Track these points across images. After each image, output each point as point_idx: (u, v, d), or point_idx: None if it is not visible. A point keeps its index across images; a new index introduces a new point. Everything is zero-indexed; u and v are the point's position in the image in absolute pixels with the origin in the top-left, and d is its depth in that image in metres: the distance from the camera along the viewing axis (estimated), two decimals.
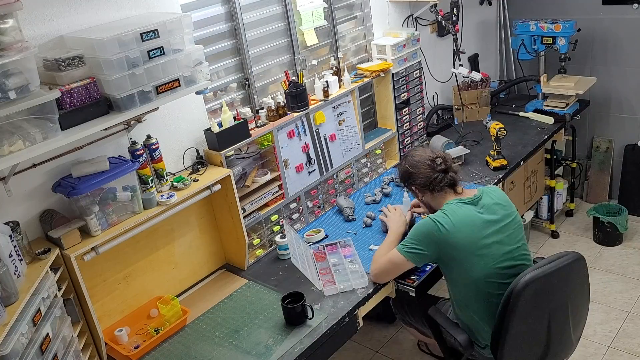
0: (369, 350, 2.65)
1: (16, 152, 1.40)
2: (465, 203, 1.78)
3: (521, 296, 1.61)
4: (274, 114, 2.16)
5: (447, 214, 1.74)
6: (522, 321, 1.66)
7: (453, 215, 1.73)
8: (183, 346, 1.78)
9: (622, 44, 3.21)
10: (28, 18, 1.57)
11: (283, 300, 1.79)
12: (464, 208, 1.76)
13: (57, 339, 1.49)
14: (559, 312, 1.72)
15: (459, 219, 1.73)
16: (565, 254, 1.70)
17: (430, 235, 1.73)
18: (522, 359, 1.76)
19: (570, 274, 1.70)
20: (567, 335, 1.79)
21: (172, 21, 1.66)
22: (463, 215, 1.74)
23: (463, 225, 1.72)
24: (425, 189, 1.84)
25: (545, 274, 1.63)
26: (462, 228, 1.72)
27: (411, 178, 1.86)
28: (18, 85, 1.38)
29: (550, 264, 1.65)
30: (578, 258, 1.71)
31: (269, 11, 2.28)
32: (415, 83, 2.72)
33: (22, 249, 1.54)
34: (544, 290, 1.66)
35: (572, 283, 1.73)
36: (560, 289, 1.70)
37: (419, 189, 1.86)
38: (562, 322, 1.74)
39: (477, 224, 1.74)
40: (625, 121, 3.36)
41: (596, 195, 3.50)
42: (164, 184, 1.86)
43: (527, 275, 1.62)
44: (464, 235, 1.71)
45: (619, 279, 2.89)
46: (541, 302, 1.67)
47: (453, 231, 1.71)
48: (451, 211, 1.75)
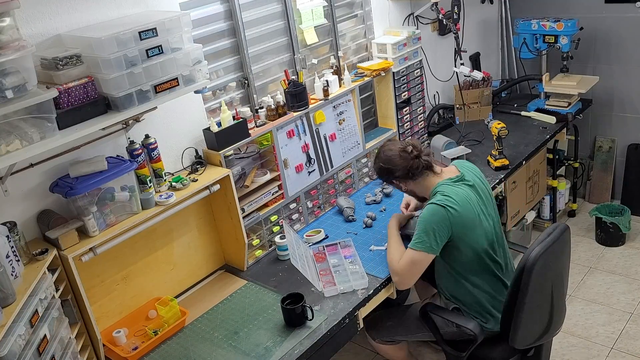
0: (369, 351, 2.63)
1: (13, 152, 1.39)
2: (455, 182, 1.85)
3: (533, 271, 1.66)
4: (273, 113, 2.14)
5: (449, 196, 1.80)
6: (533, 296, 1.70)
7: (455, 195, 1.80)
8: (182, 348, 1.77)
9: (625, 43, 3.19)
10: (25, 16, 1.56)
11: (282, 302, 1.78)
12: (458, 187, 1.84)
13: (55, 341, 1.48)
14: (558, 281, 1.79)
15: (460, 197, 1.80)
16: (556, 226, 1.78)
17: (443, 220, 1.77)
18: (532, 333, 1.80)
19: (564, 243, 1.78)
20: (563, 302, 1.87)
21: (170, 20, 1.65)
22: (462, 193, 1.81)
23: (465, 202, 1.80)
24: (405, 178, 1.90)
25: (548, 246, 1.70)
26: (465, 205, 1.79)
27: (389, 173, 1.92)
28: (15, 85, 1.37)
29: (550, 236, 1.73)
30: (567, 227, 1.80)
31: (268, 9, 2.27)
32: (416, 82, 2.70)
33: (20, 250, 1.53)
34: (549, 263, 1.72)
35: (565, 252, 1.81)
36: (559, 259, 1.78)
37: (400, 180, 1.92)
38: (560, 292, 1.82)
39: (473, 199, 1.83)
40: (628, 120, 3.34)
41: (599, 196, 3.48)
42: (162, 184, 1.85)
43: (534, 250, 1.68)
44: (468, 211, 1.79)
45: (622, 279, 2.87)
46: (546, 274, 1.73)
47: (460, 210, 1.77)
48: (451, 192, 1.81)
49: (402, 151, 1.88)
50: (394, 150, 1.90)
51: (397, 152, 1.89)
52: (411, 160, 1.86)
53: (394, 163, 1.88)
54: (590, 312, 2.69)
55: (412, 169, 1.86)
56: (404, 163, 1.87)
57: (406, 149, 1.88)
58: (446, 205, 1.77)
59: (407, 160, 1.86)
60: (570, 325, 2.61)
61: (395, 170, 1.89)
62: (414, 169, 1.86)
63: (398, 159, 1.88)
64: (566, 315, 1.93)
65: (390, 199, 2.44)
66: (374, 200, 2.42)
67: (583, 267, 3.00)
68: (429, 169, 1.88)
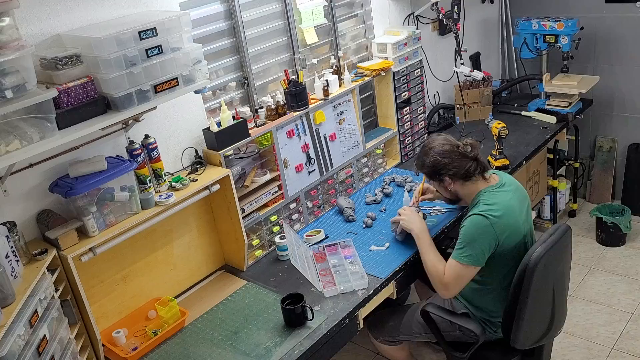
0: (370, 352, 2.63)
1: (13, 152, 1.39)
2: (497, 189, 1.81)
3: (535, 271, 1.65)
4: (273, 113, 2.14)
5: (490, 204, 1.76)
6: (535, 296, 1.70)
7: (496, 203, 1.76)
8: (181, 348, 1.77)
9: (626, 43, 3.18)
10: (25, 16, 1.56)
11: (282, 302, 1.77)
12: (500, 194, 1.79)
13: (54, 341, 1.48)
14: (560, 282, 1.78)
15: (505, 206, 1.76)
16: (558, 226, 1.76)
17: (490, 232, 1.73)
18: (533, 334, 1.79)
19: (565, 244, 1.77)
20: (564, 303, 1.86)
21: (170, 19, 1.65)
22: (507, 202, 1.77)
23: (510, 211, 1.76)
24: (457, 178, 1.82)
25: (550, 247, 1.69)
26: (510, 214, 1.76)
27: (444, 168, 1.82)
28: (15, 84, 1.37)
29: (552, 237, 1.72)
30: (568, 227, 1.78)
31: (268, 9, 2.26)
32: (416, 82, 2.70)
33: (19, 250, 1.53)
34: (551, 263, 1.72)
35: (566, 252, 1.80)
36: (560, 259, 1.77)
37: (452, 178, 1.83)
38: (562, 291, 1.80)
39: (515, 206, 1.79)
40: (629, 120, 3.34)
41: (599, 196, 3.48)
42: (162, 184, 1.84)
43: (536, 251, 1.67)
44: (513, 220, 1.76)
45: (622, 280, 2.87)
46: (548, 274, 1.73)
47: (505, 219, 1.74)
48: (495, 200, 1.77)
49: (462, 149, 1.81)
50: (453, 146, 1.83)
51: (455, 149, 1.82)
52: (470, 160, 1.80)
53: (452, 159, 1.80)
54: (591, 312, 2.69)
55: (469, 170, 1.79)
56: (462, 162, 1.80)
57: (466, 148, 1.81)
58: (487, 215, 1.72)
59: (466, 159, 1.80)
60: (570, 326, 2.60)
61: (450, 168, 1.80)
62: (470, 171, 1.79)
63: (457, 155, 1.80)
64: (567, 315, 1.93)
65: (391, 199, 2.44)
66: (374, 200, 2.41)
67: (583, 267, 2.99)
68: (481, 173, 1.82)
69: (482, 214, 1.74)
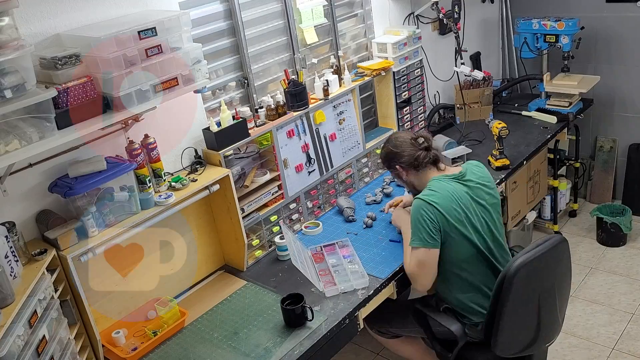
0: (370, 352, 2.63)
1: (12, 152, 1.39)
2: (451, 178, 1.85)
3: (514, 280, 1.65)
4: (273, 113, 2.14)
5: (434, 190, 1.81)
6: (515, 305, 1.69)
7: (441, 189, 1.80)
8: (181, 348, 1.76)
9: (626, 42, 3.18)
10: (24, 16, 1.56)
11: (282, 302, 1.77)
12: (451, 183, 1.83)
13: (54, 341, 1.47)
14: (548, 295, 1.76)
15: (446, 193, 1.79)
16: (551, 237, 1.76)
17: (427, 213, 1.77)
18: (515, 343, 1.79)
19: (556, 256, 1.75)
20: (555, 317, 1.83)
21: (170, 19, 1.64)
22: (451, 190, 1.81)
23: (451, 199, 1.79)
24: (409, 167, 1.91)
25: (535, 257, 1.68)
26: (450, 202, 1.78)
27: (395, 158, 1.94)
28: (14, 84, 1.37)
29: (538, 247, 1.71)
30: (562, 240, 1.76)
31: (268, 9, 2.26)
32: (417, 82, 2.70)
33: (18, 250, 1.53)
34: (535, 274, 1.71)
35: (559, 265, 1.78)
36: (549, 271, 1.75)
37: (404, 167, 1.92)
38: (550, 304, 1.78)
39: (463, 196, 1.81)
40: (630, 120, 3.33)
41: (600, 196, 3.47)
42: (161, 184, 1.84)
43: (518, 259, 1.67)
44: (452, 209, 1.78)
45: (623, 280, 2.86)
46: (532, 285, 1.71)
47: (443, 205, 1.77)
48: (438, 187, 1.82)
49: (414, 140, 1.92)
50: (405, 138, 1.94)
51: (408, 140, 1.93)
52: (420, 150, 1.88)
53: (403, 149, 1.91)
54: (592, 312, 2.68)
55: (418, 159, 1.88)
56: (412, 151, 1.89)
57: (417, 139, 1.91)
58: (428, 200, 1.77)
59: (416, 150, 1.89)
60: (571, 326, 2.60)
61: (401, 157, 1.91)
62: (420, 159, 1.88)
63: (408, 146, 1.91)
64: (567, 315, 1.92)
65: (391, 199, 2.43)
66: (374, 200, 2.41)
67: (584, 267, 2.99)
68: (434, 164, 1.90)
69: (421, 197, 1.80)
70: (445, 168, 1.92)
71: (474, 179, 1.87)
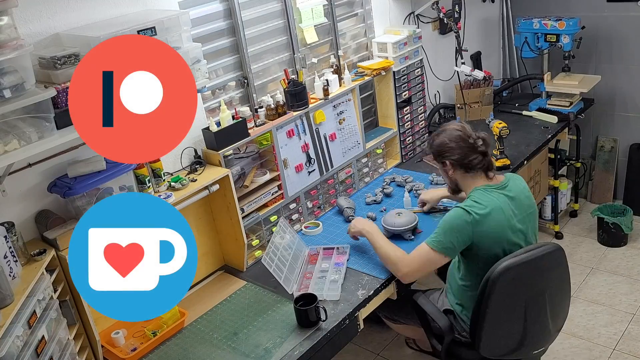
0: (370, 352, 2.63)
1: (11, 152, 1.39)
2: (493, 189, 1.77)
3: (497, 283, 1.63)
4: (273, 112, 2.13)
5: (479, 202, 1.73)
6: (498, 308, 1.68)
7: (485, 202, 1.73)
8: (181, 349, 1.76)
9: (627, 42, 3.17)
10: (23, 15, 1.55)
11: (296, 302, 1.74)
12: (493, 194, 1.76)
13: (53, 342, 1.47)
14: (536, 302, 1.73)
15: (491, 206, 1.72)
16: (544, 244, 1.72)
17: (465, 226, 1.71)
18: (499, 346, 1.78)
19: (547, 263, 1.72)
20: (544, 325, 1.79)
21: (169, 18, 1.64)
22: (495, 203, 1.73)
23: (495, 213, 1.72)
24: (459, 166, 1.80)
25: (522, 262, 1.65)
26: (494, 216, 1.71)
27: (448, 152, 1.80)
28: (13, 84, 1.37)
29: (527, 252, 1.68)
30: (556, 249, 1.72)
31: (268, 8, 2.26)
32: (417, 81, 2.69)
33: (17, 250, 1.52)
34: (521, 279, 1.68)
35: (550, 273, 1.75)
36: (537, 278, 1.71)
37: (453, 164, 1.81)
38: (538, 312, 1.75)
39: (507, 212, 1.74)
40: (631, 120, 3.32)
41: (601, 196, 3.46)
42: (161, 184, 1.84)
43: (503, 263, 1.64)
44: (495, 223, 1.71)
45: (624, 280, 2.86)
46: (518, 290, 1.69)
47: (487, 219, 1.70)
48: (483, 199, 1.74)
49: (474, 140, 1.79)
50: (465, 134, 1.80)
51: (466, 137, 1.79)
52: (477, 153, 1.77)
53: (458, 146, 1.78)
54: (592, 313, 2.68)
55: (472, 162, 1.76)
56: (468, 151, 1.77)
57: (477, 141, 1.79)
58: (472, 212, 1.70)
59: (473, 151, 1.77)
60: (571, 327, 2.59)
61: (454, 152, 1.78)
62: (473, 163, 1.76)
63: (465, 144, 1.78)
64: (568, 316, 1.89)
65: (391, 199, 2.43)
66: (375, 200, 2.41)
67: (585, 267, 2.98)
68: (485, 171, 1.79)
69: (465, 208, 1.72)
70: (494, 177, 1.81)
71: (515, 190, 1.80)
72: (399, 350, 2.61)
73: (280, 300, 1.88)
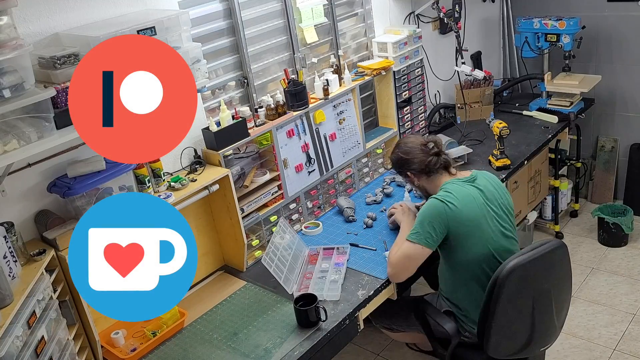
0: (370, 352, 2.62)
1: (10, 152, 1.38)
2: (464, 182, 1.84)
3: (506, 282, 1.64)
4: (273, 112, 2.13)
5: (450, 192, 1.79)
6: (507, 308, 1.69)
7: (457, 192, 1.79)
8: (180, 349, 1.76)
9: (628, 42, 3.17)
10: (23, 15, 1.55)
11: (296, 302, 1.74)
12: (465, 186, 1.82)
13: (53, 342, 1.47)
14: (543, 299, 1.75)
15: (462, 195, 1.79)
16: (548, 241, 1.75)
17: (440, 214, 1.76)
18: (508, 345, 1.78)
19: (553, 260, 1.74)
20: (550, 321, 1.81)
21: (169, 18, 1.64)
22: (466, 192, 1.80)
23: (467, 201, 1.78)
24: (421, 173, 1.91)
25: (529, 260, 1.67)
26: (467, 204, 1.77)
27: (406, 164, 1.93)
28: (12, 84, 1.36)
29: (533, 250, 1.70)
30: (560, 245, 1.74)
31: (268, 8, 2.26)
32: (417, 81, 2.69)
33: (17, 250, 1.52)
34: (528, 277, 1.70)
35: (555, 270, 1.76)
36: (544, 275, 1.73)
37: (415, 174, 1.92)
38: (546, 309, 1.77)
39: (479, 200, 1.80)
40: (631, 120, 3.32)
41: (601, 196, 3.46)
42: (161, 184, 1.83)
43: (511, 262, 1.66)
44: (469, 211, 1.77)
45: (625, 280, 2.85)
46: (525, 288, 1.70)
47: (460, 207, 1.76)
48: (454, 189, 1.80)
49: (424, 145, 1.90)
50: (415, 144, 1.92)
51: (418, 146, 1.91)
52: (431, 156, 1.87)
53: (413, 155, 1.89)
54: (593, 313, 2.67)
55: (429, 164, 1.86)
56: (423, 157, 1.88)
57: (427, 145, 1.89)
58: (445, 201, 1.76)
59: (427, 155, 1.87)
60: (572, 327, 2.59)
61: (412, 163, 1.90)
62: (431, 165, 1.87)
63: (418, 152, 1.89)
64: (568, 316, 1.90)
65: (391, 199, 2.43)
66: (375, 200, 2.40)
67: (585, 267, 2.98)
68: (445, 169, 1.89)
69: (438, 197, 1.79)
70: (457, 172, 1.91)
71: (484, 183, 1.85)
72: (399, 351, 2.61)
73: (280, 301, 1.88)
